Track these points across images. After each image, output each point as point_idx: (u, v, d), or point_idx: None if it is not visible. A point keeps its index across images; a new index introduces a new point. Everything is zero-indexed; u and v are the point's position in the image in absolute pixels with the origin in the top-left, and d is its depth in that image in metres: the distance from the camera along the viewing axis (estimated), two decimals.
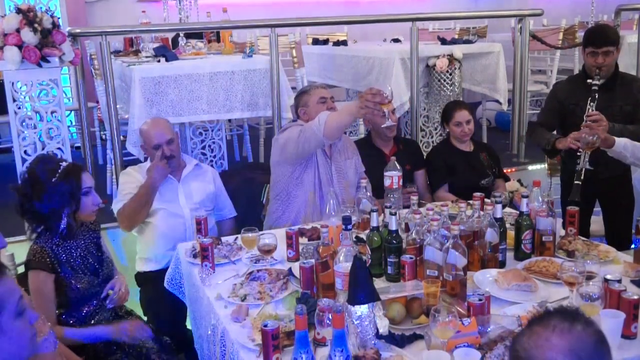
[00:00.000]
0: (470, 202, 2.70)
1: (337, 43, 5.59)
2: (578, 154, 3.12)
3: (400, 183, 2.91)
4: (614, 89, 3.30)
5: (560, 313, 1.20)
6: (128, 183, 3.06)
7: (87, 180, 2.43)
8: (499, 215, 2.40)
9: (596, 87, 3.21)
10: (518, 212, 2.58)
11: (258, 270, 2.38)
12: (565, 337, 1.15)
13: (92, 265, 2.51)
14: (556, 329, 1.16)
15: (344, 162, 3.17)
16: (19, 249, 3.00)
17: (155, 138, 3.06)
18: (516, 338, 1.23)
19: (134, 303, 2.66)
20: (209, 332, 2.25)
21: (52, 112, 3.20)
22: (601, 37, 3.29)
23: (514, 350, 1.20)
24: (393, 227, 2.29)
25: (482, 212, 2.42)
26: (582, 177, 3.10)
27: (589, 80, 3.25)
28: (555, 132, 3.41)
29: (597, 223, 3.68)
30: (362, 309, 1.76)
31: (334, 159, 3.13)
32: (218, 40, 5.20)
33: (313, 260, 2.15)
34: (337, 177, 3.10)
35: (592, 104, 3.19)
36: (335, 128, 2.76)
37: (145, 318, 2.79)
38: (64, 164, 2.40)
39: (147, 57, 4.30)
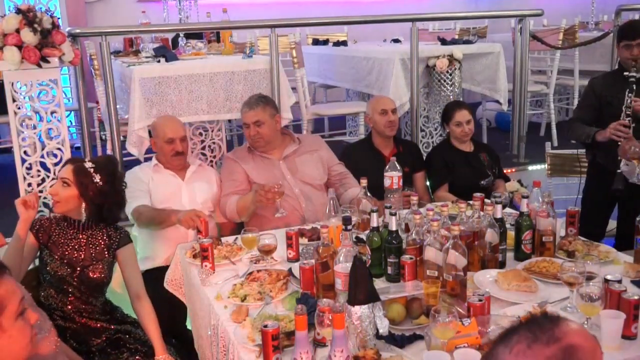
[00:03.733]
0: (470, 202, 2.70)
1: (337, 43, 5.59)
2: (619, 143, 3.19)
3: (401, 183, 2.91)
4: None
5: (526, 327, 1.07)
6: (132, 185, 3.06)
7: (62, 172, 2.58)
8: (499, 216, 2.41)
9: (634, 79, 3.28)
10: (518, 213, 2.58)
11: (258, 271, 2.38)
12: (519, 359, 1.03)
13: (77, 259, 2.51)
14: (513, 350, 1.04)
15: (299, 159, 3.30)
16: None
17: (170, 131, 3.13)
18: (484, 356, 1.15)
19: None
20: (209, 332, 2.25)
21: (52, 112, 3.19)
22: (634, 30, 3.40)
23: None
24: (393, 227, 2.29)
25: (482, 213, 2.42)
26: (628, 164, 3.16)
27: (626, 73, 3.32)
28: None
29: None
30: (362, 309, 1.76)
31: (286, 159, 3.29)
32: (218, 41, 5.19)
33: (313, 261, 2.15)
34: (290, 175, 3.24)
35: (630, 95, 3.26)
36: (245, 215, 3.10)
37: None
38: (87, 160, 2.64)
39: (147, 57, 4.30)
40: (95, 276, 2.52)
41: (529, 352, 1.02)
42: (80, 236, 2.55)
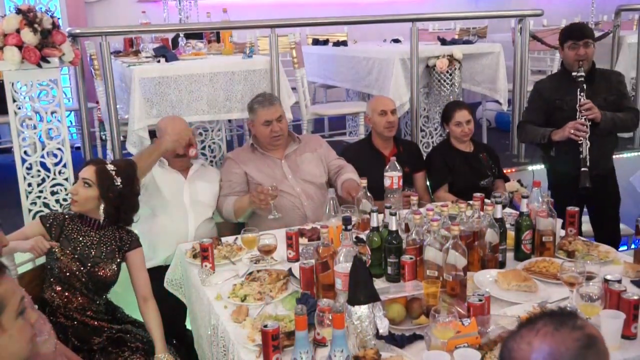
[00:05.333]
0: (470, 202, 2.70)
1: (337, 43, 5.59)
2: (580, 141, 3.23)
3: (401, 183, 2.91)
4: (594, 82, 3.40)
5: (550, 315, 1.17)
6: None
7: (82, 172, 2.57)
8: (499, 216, 2.41)
9: (582, 78, 3.32)
10: (518, 213, 2.58)
11: (258, 271, 2.38)
12: (546, 341, 1.11)
13: (88, 257, 2.52)
14: (540, 332, 1.13)
15: (299, 157, 3.34)
16: None
17: (185, 132, 3.16)
18: (505, 339, 1.22)
19: (133, 304, 2.65)
20: (209, 332, 2.25)
21: (52, 112, 3.19)
22: (579, 31, 3.46)
23: (501, 351, 1.19)
24: (393, 227, 2.29)
25: (482, 213, 2.42)
26: (587, 164, 3.22)
27: (574, 73, 3.36)
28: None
29: (588, 223, 3.70)
30: (362, 309, 1.76)
31: (287, 158, 3.32)
32: (218, 41, 5.19)
33: (313, 261, 2.15)
34: (292, 174, 3.27)
35: (582, 94, 3.29)
36: (242, 216, 3.19)
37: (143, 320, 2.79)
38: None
39: (147, 57, 4.29)
40: (104, 274, 2.54)
41: (557, 334, 1.11)
42: (93, 234, 2.57)
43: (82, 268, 2.50)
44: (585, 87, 3.30)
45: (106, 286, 2.59)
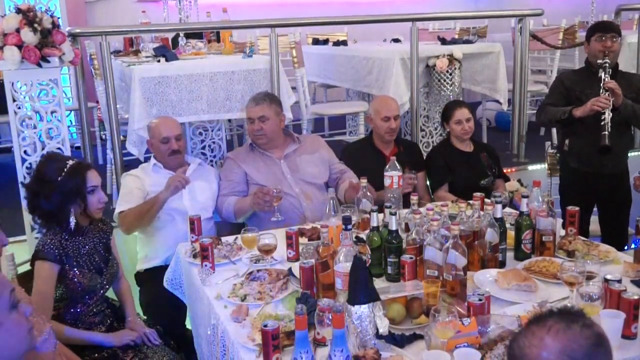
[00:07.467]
0: (470, 202, 2.70)
1: (337, 43, 5.59)
2: (602, 118, 3.27)
3: (401, 183, 2.92)
4: (616, 80, 3.41)
5: (559, 313, 1.18)
6: (129, 185, 3.09)
7: (93, 178, 2.44)
8: (499, 215, 2.41)
9: (607, 64, 3.37)
10: (518, 212, 2.58)
11: (258, 270, 2.38)
12: (558, 338, 1.14)
13: (98, 263, 2.52)
14: (551, 329, 1.15)
15: (299, 158, 3.34)
16: (19, 249, 3.00)
17: (165, 131, 3.16)
18: (514, 336, 1.23)
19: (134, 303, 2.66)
20: (209, 332, 2.25)
21: (52, 112, 3.19)
22: (608, 24, 3.55)
23: (511, 348, 1.21)
24: (393, 227, 2.29)
25: (482, 212, 2.42)
26: (609, 129, 3.23)
27: (599, 61, 3.41)
28: None
29: (595, 223, 3.70)
30: (362, 309, 1.76)
31: (287, 158, 3.33)
32: (218, 40, 5.20)
33: (313, 260, 2.15)
34: (291, 174, 3.28)
35: (607, 75, 3.34)
36: (241, 215, 3.19)
37: (144, 317, 2.79)
38: (71, 162, 2.42)
39: (147, 57, 4.30)
40: (116, 269, 2.59)
41: (569, 332, 1.14)
42: (86, 240, 2.53)
43: (103, 282, 2.52)
44: (610, 71, 3.36)
45: (117, 277, 2.65)
